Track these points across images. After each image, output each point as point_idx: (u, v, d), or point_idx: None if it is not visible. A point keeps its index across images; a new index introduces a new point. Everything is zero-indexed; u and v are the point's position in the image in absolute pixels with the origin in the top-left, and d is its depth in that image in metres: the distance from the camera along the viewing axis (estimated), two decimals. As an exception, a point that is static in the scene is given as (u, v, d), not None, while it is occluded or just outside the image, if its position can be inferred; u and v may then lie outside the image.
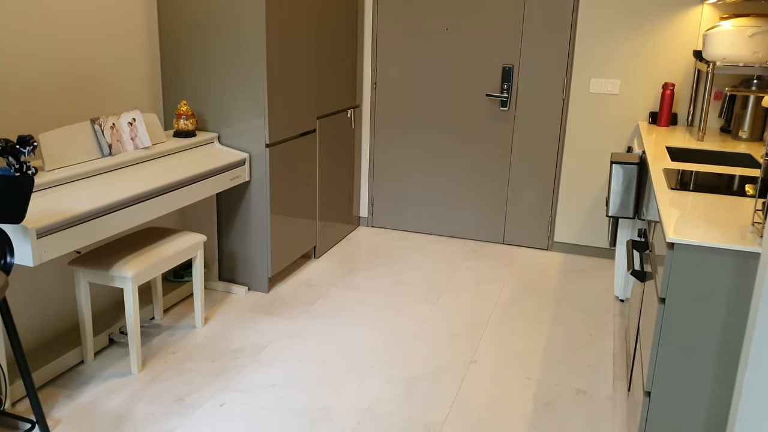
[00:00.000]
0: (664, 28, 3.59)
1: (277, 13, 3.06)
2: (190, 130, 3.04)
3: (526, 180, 4.06)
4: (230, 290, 3.36)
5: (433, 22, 4.01)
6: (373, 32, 4.14)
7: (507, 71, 3.93)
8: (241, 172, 3.11)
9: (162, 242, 2.70)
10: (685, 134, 3.34)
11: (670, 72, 3.64)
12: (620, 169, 2.94)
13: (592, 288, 3.56)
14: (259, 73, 3.03)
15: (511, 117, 4.00)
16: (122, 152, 2.63)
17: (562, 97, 3.87)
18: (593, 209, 3.96)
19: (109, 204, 2.31)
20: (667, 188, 2.19)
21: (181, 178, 2.67)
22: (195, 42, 3.10)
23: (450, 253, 4.02)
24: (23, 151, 2.16)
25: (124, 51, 2.96)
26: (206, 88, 3.14)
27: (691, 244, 1.68)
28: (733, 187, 2.24)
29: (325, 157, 3.80)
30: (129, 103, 3.03)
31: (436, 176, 4.25)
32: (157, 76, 3.21)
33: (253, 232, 3.27)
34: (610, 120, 3.80)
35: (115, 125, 2.62)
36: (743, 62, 2.99)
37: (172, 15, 3.11)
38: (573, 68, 3.80)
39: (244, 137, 3.15)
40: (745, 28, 2.92)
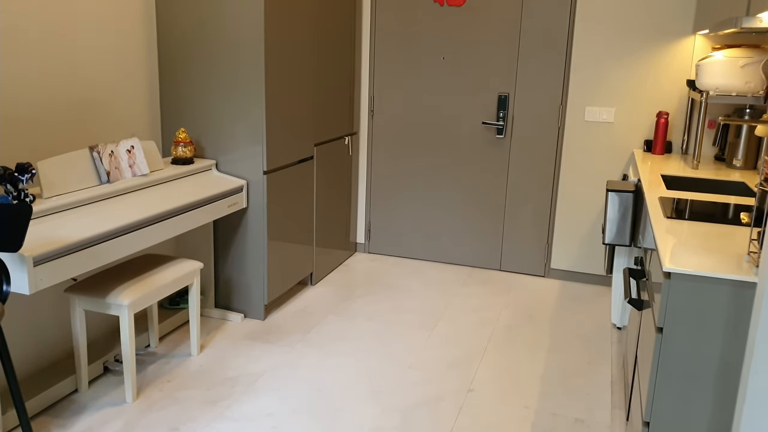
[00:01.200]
0: (657, 58, 3.64)
1: (276, 42, 3.10)
2: (188, 158, 3.05)
3: (522, 207, 4.07)
4: (226, 317, 3.34)
5: (429, 51, 4.06)
6: (370, 60, 4.19)
7: (503, 99, 3.97)
8: (238, 199, 3.12)
9: (158, 269, 2.69)
10: (679, 162, 3.37)
11: (664, 100, 3.68)
12: (616, 197, 2.96)
13: (589, 315, 3.55)
14: (257, 100, 3.06)
15: (507, 144, 4.03)
16: (120, 179, 2.64)
17: (558, 125, 3.91)
18: (589, 236, 3.97)
19: (107, 231, 2.30)
20: (662, 217, 2.20)
21: (178, 206, 2.67)
22: (194, 70, 3.13)
23: (447, 280, 4.01)
24: (21, 179, 2.17)
25: (123, 78, 2.99)
26: (205, 115, 3.17)
27: (687, 273, 1.69)
28: (729, 216, 2.25)
29: (322, 184, 3.82)
30: (128, 130, 3.05)
31: (433, 203, 4.26)
32: (156, 104, 3.23)
33: (250, 259, 3.26)
34: (606, 148, 3.83)
35: (114, 152, 2.63)
36: (736, 92, 3.02)
37: (172, 43, 3.14)
38: (568, 97, 3.84)
39: (242, 164, 3.17)
40: (737, 58, 2.97)
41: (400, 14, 4.07)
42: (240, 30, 3.00)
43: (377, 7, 4.10)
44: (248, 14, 2.97)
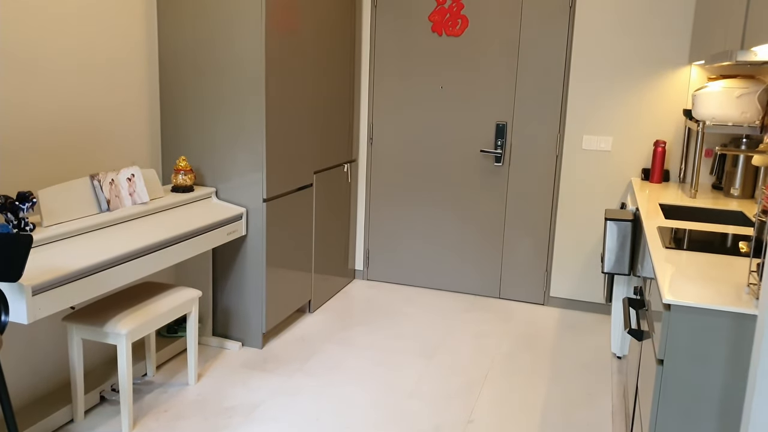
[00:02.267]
0: (654, 87, 3.68)
1: (277, 70, 3.13)
2: (188, 185, 3.06)
3: (521, 234, 4.08)
4: (224, 346, 3.32)
5: (428, 80, 4.11)
6: (369, 88, 4.23)
7: (501, 128, 4.00)
8: (237, 227, 3.12)
9: (157, 298, 2.69)
10: (677, 191, 3.38)
11: (661, 129, 3.71)
12: (614, 226, 2.97)
13: (589, 344, 3.54)
14: (258, 128, 3.08)
15: (505, 172, 4.05)
16: (120, 207, 2.64)
17: (556, 153, 3.93)
18: (588, 264, 3.97)
19: (106, 260, 2.30)
20: (661, 247, 2.21)
21: (177, 234, 2.67)
22: (195, 98, 3.16)
23: (446, 308, 4.00)
24: (22, 208, 2.17)
25: (125, 106, 3.01)
26: (205, 143, 3.19)
27: (687, 305, 1.69)
28: (727, 246, 2.26)
29: (321, 211, 3.83)
30: (128, 157, 3.07)
31: (431, 230, 4.27)
32: (157, 131, 3.25)
33: (248, 287, 3.26)
34: (603, 176, 3.85)
35: (114, 181, 2.64)
36: (732, 122, 3.05)
37: (173, 70, 3.17)
38: (565, 125, 3.87)
39: (242, 192, 3.18)
40: (733, 89, 3.00)
41: (399, 44, 4.12)
42: (241, 58, 3.04)
43: (376, 37, 4.16)
44: (249, 43, 3.01)
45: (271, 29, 3.03)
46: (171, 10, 3.12)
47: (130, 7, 2.98)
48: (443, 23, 4.02)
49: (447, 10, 4.00)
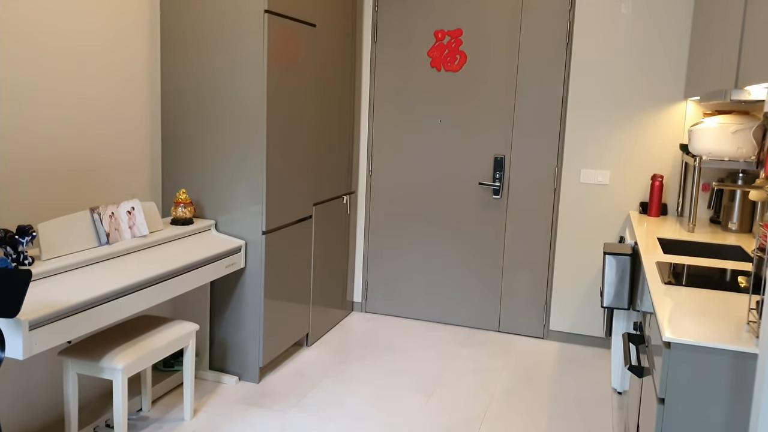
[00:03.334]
0: (650, 122, 3.72)
1: (278, 104, 3.16)
2: (187, 218, 3.07)
3: (520, 267, 4.08)
4: (220, 380, 3.29)
5: (427, 113, 4.15)
6: (369, 121, 4.27)
7: (499, 161, 4.03)
8: (236, 260, 3.12)
9: (154, 332, 2.67)
10: (675, 225, 3.39)
11: (658, 164, 3.74)
12: (613, 260, 2.97)
13: (589, 379, 3.51)
14: (258, 161, 3.10)
15: (504, 205, 4.07)
16: (120, 241, 2.64)
17: (554, 186, 3.95)
18: (588, 298, 3.96)
19: (104, 294, 2.29)
20: (660, 282, 2.21)
21: (176, 267, 2.67)
22: (196, 130, 3.18)
23: (445, 341, 3.98)
24: (22, 242, 2.17)
25: (126, 139, 3.03)
26: (205, 175, 3.20)
27: (687, 343, 1.68)
28: (726, 282, 2.26)
29: (320, 243, 3.83)
30: (129, 189, 3.08)
31: (430, 262, 4.26)
32: (158, 164, 3.27)
33: (246, 320, 3.24)
34: (602, 209, 3.87)
35: (114, 214, 2.64)
36: (728, 157, 3.08)
37: (175, 104, 3.20)
38: (563, 159, 3.90)
39: (241, 224, 3.18)
40: (728, 125, 3.04)
41: (398, 78, 4.17)
42: (243, 92, 3.07)
43: (376, 71, 4.21)
44: (251, 78, 3.04)
45: (272, 64, 3.07)
46: (174, 45, 3.16)
47: (133, 42, 3.02)
48: (442, 59, 4.08)
49: (446, 46, 4.06)
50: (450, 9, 4.02)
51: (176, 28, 3.14)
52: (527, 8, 3.87)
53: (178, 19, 3.13)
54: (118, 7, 2.90)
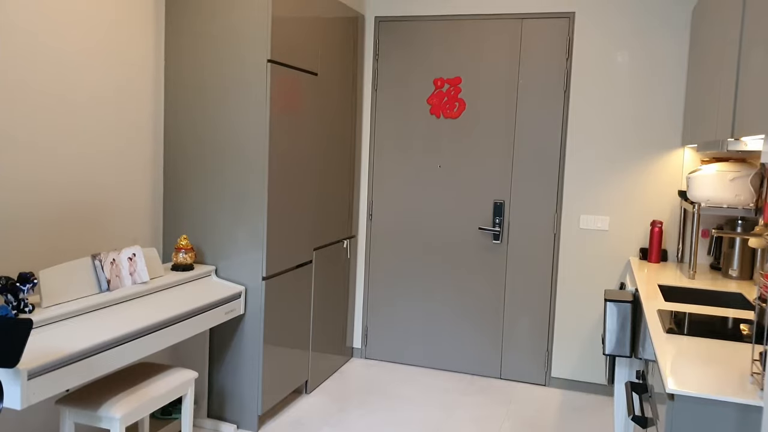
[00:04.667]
0: (649, 168, 3.75)
1: (279, 150, 3.20)
2: (188, 264, 3.07)
3: (521, 313, 4.06)
4: (219, 428, 3.24)
5: (426, 159, 4.19)
6: (369, 166, 4.31)
7: (498, 206, 4.06)
8: (236, 306, 3.11)
9: (152, 380, 2.64)
10: (676, 271, 3.40)
11: (657, 210, 3.76)
12: (614, 307, 2.96)
13: (592, 428, 3.45)
14: (259, 207, 3.12)
15: (504, 250, 4.07)
16: (120, 287, 2.64)
17: (554, 231, 3.97)
18: (589, 344, 3.93)
19: (104, 342, 2.28)
20: (662, 331, 2.20)
21: (175, 314, 2.66)
22: (197, 176, 3.21)
23: (446, 388, 3.93)
24: (23, 289, 2.17)
25: (128, 185, 3.06)
26: (207, 221, 3.22)
27: (690, 395, 1.67)
28: (728, 330, 2.25)
29: (320, 288, 3.82)
30: (130, 235, 3.09)
31: (431, 307, 4.25)
32: (159, 209, 3.29)
33: (245, 367, 3.21)
34: (602, 255, 3.87)
35: (115, 260, 2.65)
36: (727, 204, 3.10)
37: (177, 150, 3.24)
38: (562, 204, 3.93)
39: (241, 270, 3.18)
40: (726, 172, 3.07)
41: (398, 124, 4.23)
42: (245, 138, 3.11)
43: (377, 117, 4.27)
44: (254, 125, 3.09)
45: (275, 112, 3.12)
46: (177, 93, 3.22)
47: (138, 92, 3.08)
48: (441, 106, 4.14)
49: (445, 94, 4.13)
50: (449, 58, 4.11)
51: (180, 76, 3.21)
52: (525, 57, 3.95)
53: (182, 67, 3.20)
54: (123, 58, 2.97)
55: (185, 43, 3.18)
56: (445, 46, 4.11)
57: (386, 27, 4.22)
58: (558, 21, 3.88)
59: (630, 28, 3.74)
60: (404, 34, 4.18)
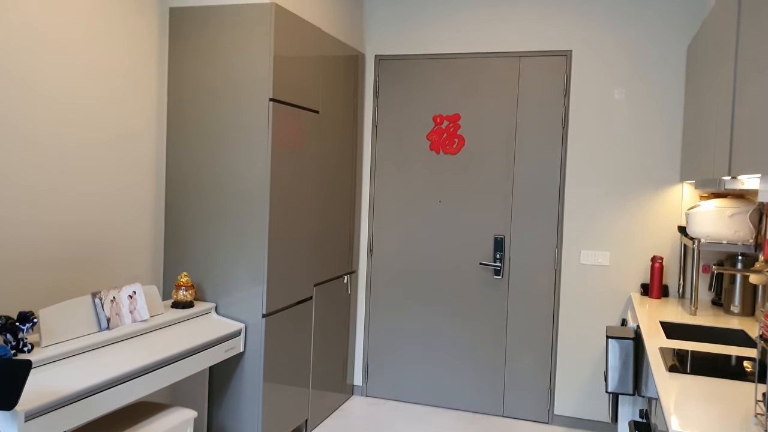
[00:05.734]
0: (648, 204, 3.77)
1: (280, 187, 3.22)
2: (188, 301, 3.06)
3: (523, 349, 4.03)
4: (217, 468, 3.20)
5: (426, 194, 4.21)
6: (370, 201, 4.33)
7: (499, 241, 4.06)
8: (236, 343, 3.09)
9: (150, 419, 2.61)
10: (677, 307, 3.38)
11: (657, 245, 3.77)
12: (616, 344, 2.94)
13: (596, 467, 3.40)
14: (260, 243, 3.12)
15: (505, 285, 4.07)
16: (120, 325, 2.63)
17: (554, 267, 3.97)
18: (592, 381, 3.89)
19: (103, 382, 2.26)
20: (664, 370, 2.18)
21: (175, 353, 2.65)
22: (199, 212, 3.23)
23: (448, 427, 3.88)
24: (22, 329, 2.17)
25: (130, 222, 3.07)
26: (207, 258, 3.22)
27: (695, 437, 1.65)
28: (731, 368, 2.23)
29: (320, 324, 3.80)
30: (131, 272, 3.09)
31: (432, 344, 4.22)
32: (160, 246, 3.29)
33: (245, 406, 3.18)
34: (603, 291, 3.86)
35: (116, 298, 2.65)
36: (726, 240, 3.11)
37: (179, 187, 3.26)
38: (563, 240, 3.93)
39: (241, 307, 3.17)
40: (725, 209, 3.08)
41: (398, 160, 4.26)
42: (247, 176, 3.13)
43: (377, 153, 4.31)
44: (256, 162, 3.12)
45: (276, 150, 3.15)
46: (179, 130, 3.25)
47: (140, 130, 3.11)
48: (440, 142, 4.18)
49: (444, 130, 4.17)
50: (448, 95, 4.16)
51: (182, 115, 3.25)
52: (523, 94, 4.00)
53: (184, 106, 3.24)
54: (126, 98, 3.01)
55: (188, 82, 3.23)
56: (444, 83, 4.17)
57: (386, 65, 4.29)
58: (555, 59, 3.94)
59: (627, 65, 3.80)
60: (404, 72, 4.25)
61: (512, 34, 4.02)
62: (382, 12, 4.29)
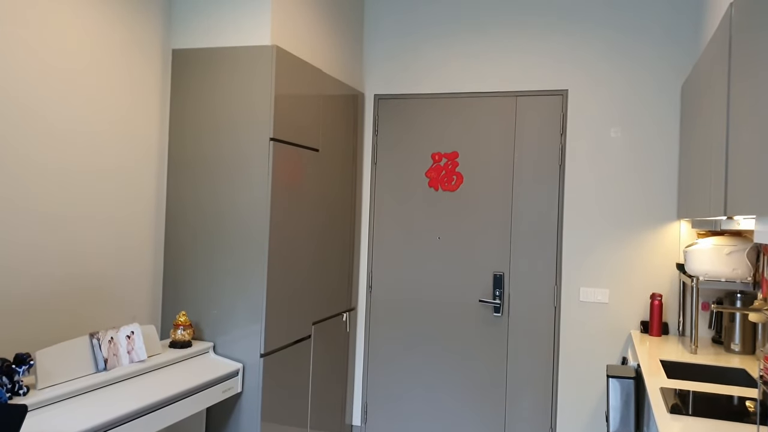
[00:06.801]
0: (645, 241, 3.78)
1: (280, 225, 3.23)
2: (186, 341, 3.05)
3: (523, 388, 3.99)
4: None
5: (425, 231, 4.23)
6: (369, 238, 4.34)
7: (498, 278, 4.06)
8: (233, 384, 3.07)
9: (147, 462, 2.58)
10: (677, 345, 3.37)
11: (656, 282, 3.77)
12: (617, 384, 2.92)
13: None
14: (259, 281, 3.12)
15: (505, 323, 4.05)
16: (117, 366, 2.62)
17: (554, 304, 3.96)
18: (593, 420, 3.85)
19: (98, 425, 2.24)
20: (666, 411, 2.17)
21: (172, 394, 2.62)
22: (198, 250, 3.23)
23: (447, 467, 3.81)
24: (18, 371, 2.15)
25: (129, 261, 3.07)
26: (206, 295, 3.21)
27: (697, 482, 1.63)
28: (733, 410, 2.22)
29: (319, 364, 3.77)
30: (130, 311, 3.08)
31: (432, 382, 4.18)
32: (159, 284, 3.29)
33: (242, 447, 3.13)
34: (603, 328, 3.85)
35: (114, 339, 2.63)
36: (725, 278, 3.11)
37: (178, 225, 3.27)
38: (562, 277, 3.93)
39: (239, 346, 3.16)
40: (722, 246, 3.09)
41: (397, 197, 4.29)
42: (247, 214, 3.15)
43: (376, 190, 4.34)
44: (255, 200, 3.13)
45: (276, 188, 3.17)
46: (180, 168, 3.28)
47: (141, 167, 3.14)
48: (439, 179, 4.21)
49: (443, 168, 4.21)
50: (446, 133, 4.21)
51: (183, 154, 3.28)
52: (520, 132, 4.05)
53: (186, 145, 3.27)
54: (128, 136, 3.04)
55: (189, 121, 3.27)
56: (442, 121, 4.22)
57: (385, 104, 4.35)
58: (552, 98, 4.00)
59: (622, 103, 3.85)
60: (402, 111, 4.30)
61: (509, 74, 4.08)
62: (381, 53, 4.36)
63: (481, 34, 4.15)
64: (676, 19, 3.77)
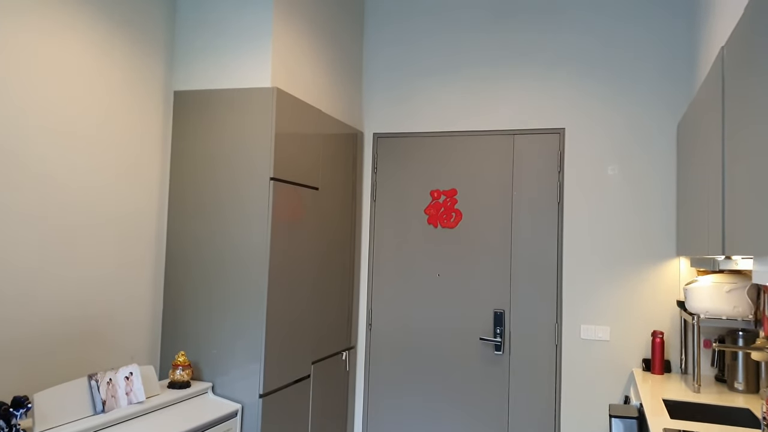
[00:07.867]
0: (646, 278, 3.78)
1: (279, 264, 3.23)
2: (185, 381, 3.02)
3: (525, 428, 3.94)
4: None
5: (425, 268, 4.23)
6: (368, 275, 4.33)
7: (498, 316, 4.04)
8: (232, 425, 3.03)
9: (143, 507, 2.53)
10: (680, 384, 3.34)
11: (657, 320, 3.75)
12: (620, 424, 2.89)
13: None
14: (258, 321, 3.11)
15: (506, 361, 4.02)
16: (115, 408, 2.59)
17: (555, 342, 3.93)
18: (597, 460, 3.79)
19: (95, 469, 2.21)
20: (670, 454, 2.14)
21: (171, 436, 2.59)
22: (197, 290, 3.23)
23: None
24: (16, 414, 2.13)
25: (128, 302, 3.06)
26: (205, 336, 3.20)
27: None
28: (738, 452, 2.19)
29: (318, 403, 3.73)
30: (128, 351, 3.06)
31: (432, 422, 4.13)
32: (158, 324, 3.28)
33: (241, 490, 3.08)
34: (604, 366, 3.82)
35: (112, 380, 2.61)
36: (725, 316, 3.10)
37: (177, 265, 3.27)
38: (562, 314, 3.92)
39: (238, 386, 3.13)
40: (722, 284, 3.09)
41: (397, 234, 4.30)
42: (246, 253, 3.15)
43: (375, 227, 4.35)
44: (255, 240, 3.14)
45: (276, 226, 3.19)
46: (180, 207, 3.30)
47: (142, 207, 3.15)
48: (438, 216, 4.23)
49: (441, 205, 4.23)
50: (444, 170, 4.24)
51: (183, 194, 3.30)
52: (518, 170, 4.09)
53: (186, 185, 3.29)
54: (128, 176, 3.07)
55: (190, 161, 3.30)
56: (440, 159, 4.26)
57: (384, 142, 4.39)
58: (549, 136, 4.04)
59: (619, 141, 3.89)
60: (401, 149, 4.34)
61: (506, 113, 4.14)
62: (380, 93, 4.43)
63: (479, 73, 4.22)
64: (671, 59, 3.84)
